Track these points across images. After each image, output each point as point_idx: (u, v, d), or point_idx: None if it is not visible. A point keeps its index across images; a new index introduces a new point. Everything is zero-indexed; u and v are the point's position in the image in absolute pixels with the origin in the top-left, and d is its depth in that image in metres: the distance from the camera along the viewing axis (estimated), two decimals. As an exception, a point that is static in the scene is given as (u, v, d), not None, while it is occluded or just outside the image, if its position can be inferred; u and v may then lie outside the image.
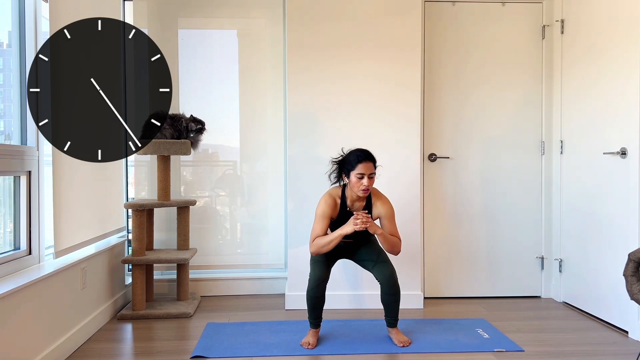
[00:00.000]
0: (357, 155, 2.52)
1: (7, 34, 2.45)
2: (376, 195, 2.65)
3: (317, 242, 2.53)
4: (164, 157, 3.32)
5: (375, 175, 2.54)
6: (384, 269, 2.60)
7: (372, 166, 2.52)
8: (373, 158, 2.55)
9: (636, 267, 2.05)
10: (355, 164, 2.50)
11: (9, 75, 2.48)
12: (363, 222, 2.43)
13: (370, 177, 2.51)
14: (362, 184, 2.49)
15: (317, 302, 2.59)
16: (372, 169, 2.51)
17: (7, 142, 2.42)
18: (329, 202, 2.58)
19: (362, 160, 2.50)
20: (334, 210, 2.59)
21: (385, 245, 2.54)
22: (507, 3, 3.56)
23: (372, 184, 2.52)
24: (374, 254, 2.66)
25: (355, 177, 2.50)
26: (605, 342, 2.69)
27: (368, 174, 2.50)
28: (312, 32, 3.31)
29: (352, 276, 3.35)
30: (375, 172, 2.55)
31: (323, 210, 2.57)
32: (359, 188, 2.51)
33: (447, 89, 3.54)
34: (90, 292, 2.83)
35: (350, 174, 2.52)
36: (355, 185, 2.51)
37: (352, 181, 2.52)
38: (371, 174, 2.51)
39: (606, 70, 2.98)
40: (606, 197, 2.98)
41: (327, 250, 2.53)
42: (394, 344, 2.62)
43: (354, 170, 2.50)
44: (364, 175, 2.49)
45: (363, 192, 2.52)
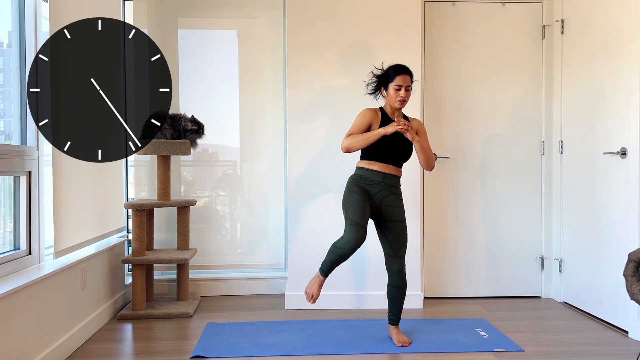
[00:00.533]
0: (396, 68, 2.61)
1: (7, 34, 2.45)
2: (410, 117, 2.74)
3: (354, 136, 2.57)
4: (164, 157, 3.32)
5: (411, 89, 2.61)
6: (398, 262, 2.61)
7: (409, 79, 2.59)
8: (410, 72, 2.61)
9: (636, 267, 2.05)
10: (393, 76, 2.58)
11: (9, 75, 2.48)
12: (405, 124, 2.49)
13: (407, 89, 2.58)
14: (400, 95, 2.57)
15: (341, 260, 2.52)
16: (409, 82, 2.59)
17: (7, 142, 2.42)
18: (370, 111, 2.64)
19: (400, 72, 2.58)
20: (375, 118, 2.63)
21: (422, 155, 2.59)
22: (507, 3, 3.56)
23: (408, 96, 2.60)
24: (398, 242, 2.60)
25: (393, 88, 2.58)
26: (605, 342, 2.69)
27: (405, 85, 2.57)
28: (312, 32, 3.31)
29: (354, 276, 3.35)
30: (412, 86, 2.62)
31: (364, 114, 2.62)
32: (396, 99, 2.58)
33: (447, 88, 3.54)
34: (90, 292, 2.83)
35: (389, 86, 2.60)
36: (393, 96, 2.59)
37: (390, 94, 2.60)
38: (408, 86, 2.58)
39: (606, 70, 2.98)
40: (606, 197, 2.98)
41: (362, 145, 2.55)
42: (394, 344, 2.62)
43: (392, 82, 2.58)
44: (401, 87, 2.57)
45: (400, 104, 2.59)
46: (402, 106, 2.62)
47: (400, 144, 2.60)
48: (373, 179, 2.60)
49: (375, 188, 2.60)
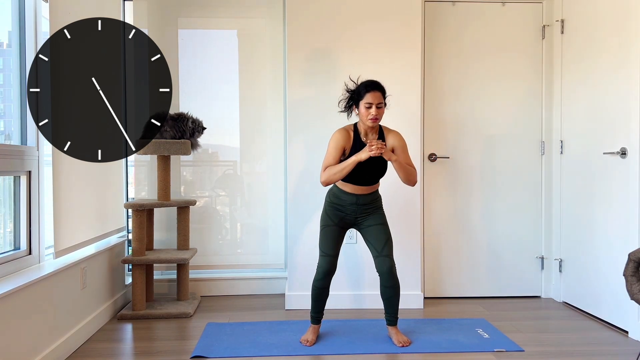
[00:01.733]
0: (366, 85, 2.52)
1: (7, 34, 2.45)
2: (387, 130, 2.65)
3: (330, 169, 2.50)
4: (164, 157, 3.32)
5: (384, 106, 2.53)
6: (385, 261, 2.60)
7: (380, 96, 2.50)
8: (382, 88, 2.53)
9: (636, 267, 2.05)
10: (363, 93, 2.50)
11: (9, 75, 2.48)
12: (378, 148, 2.40)
13: (378, 106, 2.49)
14: (371, 113, 2.48)
15: (322, 294, 2.64)
16: (380, 99, 2.50)
17: (7, 142, 2.42)
18: (342, 133, 2.57)
19: (370, 89, 2.49)
20: (347, 141, 2.56)
21: (401, 173, 2.53)
22: (507, 3, 3.56)
23: (380, 114, 2.51)
24: (381, 241, 2.61)
25: (364, 106, 2.50)
26: (605, 342, 2.69)
27: (376, 103, 2.48)
28: (312, 32, 3.31)
29: (352, 276, 3.35)
30: (385, 102, 2.54)
31: (336, 139, 2.55)
32: (367, 118, 2.50)
33: (447, 88, 3.54)
34: (90, 292, 2.83)
35: (360, 104, 2.52)
36: (364, 115, 2.50)
37: (361, 112, 2.52)
38: (379, 103, 2.49)
39: (606, 70, 2.98)
40: (606, 197, 2.98)
41: (339, 178, 2.50)
42: (394, 344, 2.62)
43: (362, 99, 2.50)
44: (372, 105, 2.48)
45: (372, 122, 2.50)
46: (374, 124, 2.53)
47: (374, 165, 2.55)
48: (346, 200, 2.61)
49: (348, 209, 2.62)
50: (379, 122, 2.53)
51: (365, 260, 3.34)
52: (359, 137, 2.58)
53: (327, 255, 2.62)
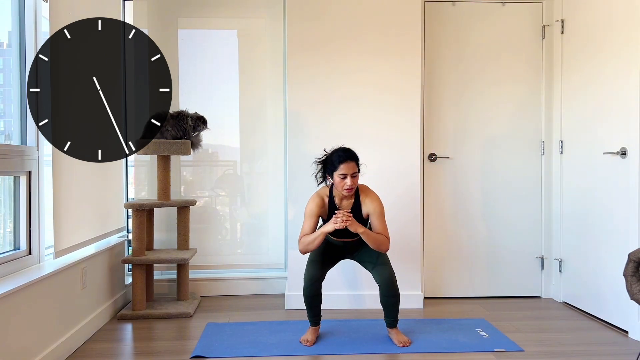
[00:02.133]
0: (339, 155, 2.51)
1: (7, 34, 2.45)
2: (364, 192, 2.63)
3: (304, 240, 2.55)
4: (164, 157, 3.32)
5: (358, 174, 2.54)
6: (383, 271, 2.59)
7: (354, 165, 2.50)
8: (355, 157, 2.53)
9: (636, 267, 2.05)
10: (337, 164, 2.49)
11: (9, 75, 2.48)
12: (343, 221, 2.42)
13: (353, 176, 2.49)
14: (346, 184, 2.49)
15: (313, 301, 2.63)
16: (354, 169, 2.50)
17: (7, 142, 2.42)
18: (317, 201, 2.59)
19: (343, 160, 2.48)
20: (322, 209, 2.60)
21: (370, 243, 2.51)
22: (507, 3, 3.56)
23: (355, 182, 2.51)
24: (373, 255, 2.65)
25: (338, 177, 2.49)
26: (605, 342, 2.69)
27: (350, 173, 2.48)
28: (312, 32, 3.31)
29: (351, 276, 3.35)
30: (360, 169, 2.55)
31: (311, 209, 2.58)
32: (342, 188, 2.51)
33: (447, 88, 3.54)
34: (90, 292, 2.83)
35: (334, 175, 2.52)
36: (339, 185, 2.51)
37: (336, 182, 2.52)
38: (354, 173, 2.49)
39: (606, 70, 2.98)
40: (606, 197, 2.98)
41: (313, 248, 2.53)
42: (394, 344, 2.62)
43: (336, 170, 2.50)
44: (346, 176, 2.48)
45: (347, 192, 2.51)
46: (349, 194, 2.53)
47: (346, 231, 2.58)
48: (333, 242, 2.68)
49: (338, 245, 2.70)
50: (354, 190, 2.53)
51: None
52: (334, 202, 2.60)
53: (313, 262, 2.64)
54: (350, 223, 2.44)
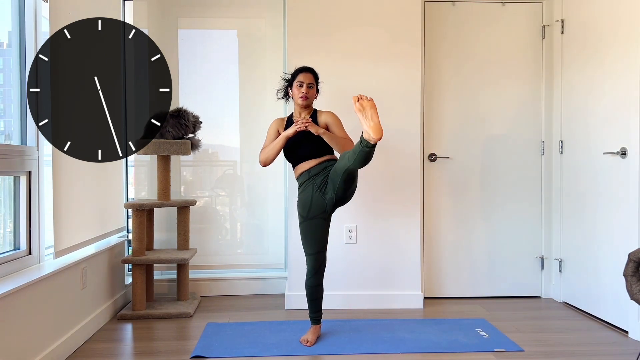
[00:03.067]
0: (299, 68, 2.75)
1: (7, 34, 2.45)
2: (320, 111, 2.78)
3: (264, 149, 2.71)
4: (164, 157, 3.32)
5: (315, 88, 2.73)
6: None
7: (311, 77, 2.71)
8: (312, 70, 2.75)
9: (636, 267, 2.05)
10: (295, 74, 2.72)
11: (9, 75, 2.48)
12: (302, 122, 2.57)
13: (309, 86, 2.69)
14: (301, 92, 2.67)
15: (316, 292, 2.64)
16: (311, 79, 2.71)
17: (7, 142, 2.42)
18: (277, 120, 2.81)
19: (302, 70, 2.72)
20: (281, 125, 2.78)
21: (334, 145, 2.62)
22: (507, 3, 3.56)
23: (311, 93, 2.70)
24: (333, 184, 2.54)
25: (296, 86, 2.70)
26: (605, 342, 2.69)
27: (307, 82, 2.68)
28: (312, 32, 3.31)
29: (351, 276, 3.34)
30: (317, 86, 2.74)
31: (271, 126, 2.79)
32: (298, 96, 2.68)
33: (447, 88, 3.54)
34: (90, 292, 2.83)
35: (293, 85, 2.72)
36: (296, 94, 2.69)
37: (294, 92, 2.71)
38: (310, 83, 2.69)
39: (606, 70, 2.98)
40: (606, 197, 2.98)
41: (274, 153, 2.66)
42: (394, 344, 2.62)
43: (294, 80, 2.71)
44: (303, 83, 2.68)
45: (302, 100, 2.68)
46: (305, 102, 2.69)
47: (308, 139, 2.65)
48: (302, 180, 2.68)
49: (308, 187, 2.64)
50: (309, 101, 2.71)
51: (365, 260, 3.34)
52: (292, 120, 2.75)
53: (310, 254, 2.64)
54: (310, 125, 2.58)
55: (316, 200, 2.60)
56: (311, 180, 2.63)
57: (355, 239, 3.33)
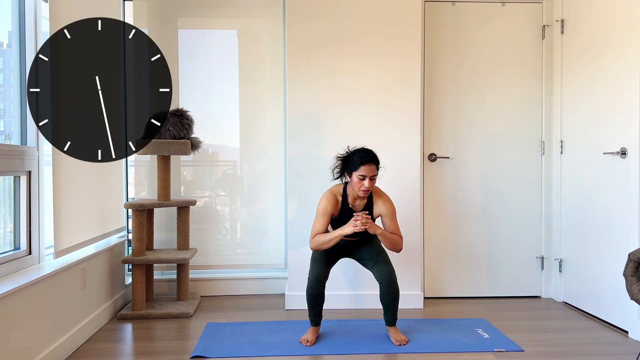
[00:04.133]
0: (361, 156, 2.51)
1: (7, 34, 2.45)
2: (377, 194, 2.66)
3: (317, 239, 2.55)
4: (164, 157, 3.31)
5: (377, 177, 2.54)
6: (383, 268, 2.60)
7: (374, 168, 2.51)
8: (376, 160, 2.53)
9: (636, 267, 2.05)
10: (358, 165, 2.50)
11: (9, 75, 2.48)
12: (363, 224, 2.44)
13: (371, 179, 2.50)
14: (363, 186, 2.49)
15: (316, 300, 2.61)
16: (374, 171, 2.51)
17: (7, 142, 2.42)
18: (330, 199, 2.59)
19: (365, 162, 2.49)
20: (335, 208, 2.60)
21: (387, 244, 2.57)
22: (507, 3, 3.56)
23: (373, 185, 2.53)
24: (374, 253, 2.66)
25: (357, 177, 2.50)
26: (605, 342, 2.69)
27: (370, 175, 2.49)
28: (312, 32, 3.31)
29: (352, 276, 3.35)
30: (378, 173, 2.54)
31: (324, 206, 2.58)
32: (359, 189, 2.51)
33: (447, 88, 3.54)
34: (90, 292, 2.83)
35: (353, 174, 2.52)
36: (357, 185, 2.52)
37: (353, 181, 2.53)
38: (373, 176, 2.50)
39: (606, 70, 2.98)
40: (606, 197, 2.98)
41: (327, 247, 2.55)
42: (394, 344, 2.62)
43: (356, 170, 2.50)
44: (365, 177, 2.49)
45: (363, 193, 2.52)
46: (365, 195, 2.55)
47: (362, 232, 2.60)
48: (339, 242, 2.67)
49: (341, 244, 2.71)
50: (369, 193, 2.56)
51: (365, 260, 3.33)
52: (347, 202, 2.61)
53: (317, 260, 2.64)
54: (370, 226, 2.47)
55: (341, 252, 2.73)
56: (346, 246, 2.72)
57: (355, 239, 3.33)
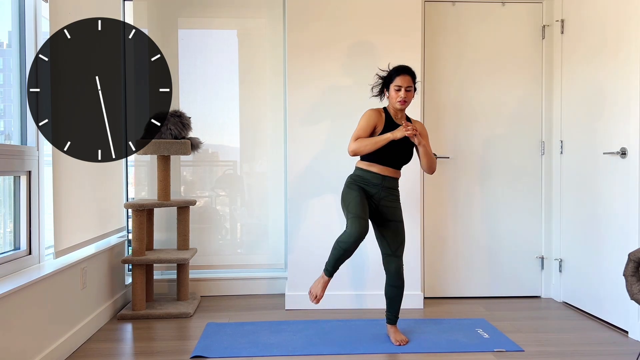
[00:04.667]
0: (397, 68, 2.61)
1: (7, 34, 2.45)
2: (413, 119, 2.74)
3: (361, 140, 2.56)
4: (164, 157, 3.31)
5: (413, 90, 2.60)
6: (396, 261, 2.62)
7: (409, 79, 2.58)
8: (412, 72, 2.61)
9: (636, 267, 2.05)
10: (394, 76, 2.59)
11: (9, 75, 2.48)
12: (413, 129, 2.47)
13: (407, 90, 2.57)
14: (400, 96, 2.57)
15: (345, 255, 2.51)
16: (410, 82, 2.58)
17: (7, 142, 2.42)
18: (375, 112, 2.64)
19: (400, 72, 2.58)
20: (379, 120, 2.63)
21: (425, 159, 2.60)
22: (507, 3, 3.56)
23: (409, 97, 2.59)
24: (396, 243, 2.63)
25: (394, 89, 2.59)
26: (605, 342, 2.69)
27: (405, 86, 2.56)
28: (312, 32, 3.31)
29: (353, 276, 3.35)
30: (415, 87, 2.61)
31: (369, 116, 2.61)
32: (396, 100, 2.58)
33: (447, 88, 3.54)
34: (90, 292, 2.83)
35: (390, 87, 2.61)
36: (394, 97, 2.59)
37: (391, 94, 2.61)
38: (408, 86, 2.57)
39: (606, 69, 2.98)
40: (606, 197, 2.98)
41: (371, 149, 2.53)
42: (394, 344, 2.62)
43: (392, 82, 2.59)
44: (401, 87, 2.56)
45: (400, 104, 2.58)
46: (403, 107, 2.60)
47: (402, 148, 2.60)
48: (372, 180, 2.60)
49: (373, 189, 2.61)
50: (407, 105, 2.61)
51: (367, 260, 3.34)
52: (391, 117, 2.65)
53: (361, 218, 2.47)
54: (417, 135, 2.53)
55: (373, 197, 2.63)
56: (380, 187, 2.62)
57: (355, 239, 3.32)
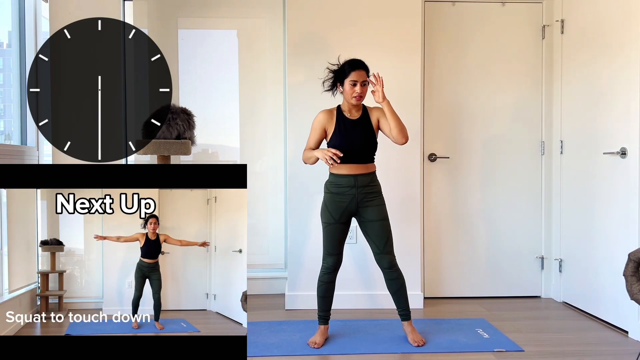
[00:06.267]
0: (350, 62, 2.57)
1: (7, 34, 2.45)
2: (370, 108, 2.69)
3: (304, 153, 2.66)
4: (164, 157, 3.31)
5: (368, 84, 2.58)
6: (387, 257, 2.62)
7: (364, 74, 2.55)
8: (365, 66, 2.58)
9: (636, 267, 2.05)
10: (348, 71, 2.55)
11: (9, 75, 2.49)
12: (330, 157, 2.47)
13: (363, 84, 2.54)
14: (355, 91, 2.53)
15: (328, 289, 2.62)
16: (364, 77, 2.55)
17: (7, 142, 2.42)
18: (324, 114, 2.64)
19: (355, 67, 2.54)
20: (329, 121, 2.62)
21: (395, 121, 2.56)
22: (507, 3, 3.56)
23: (364, 92, 2.56)
24: (382, 241, 2.61)
25: (349, 84, 2.55)
26: (605, 342, 2.69)
27: (361, 81, 2.53)
28: (312, 32, 3.31)
29: (359, 276, 3.34)
30: (369, 80, 2.58)
31: (317, 120, 2.64)
32: (351, 95, 2.55)
33: (447, 89, 3.54)
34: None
35: (345, 82, 2.57)
36: (349, 93, 2.55)
37: (345, 90, 2.57)
38: (364, 81, 2.55)
39: (606, 70, 2.98)
40: (606, 197, 2.98)
41: (307, 163, 2.66)
42: (394, 344, 2.62)
43: (347, 77, 2.55)
44: (356, 82, 2.53)
45: (356, 100, 2.55)
46: (358, 102, 2.57)
47: (359, 137, 2.58)
48: (344, 185, 2.59)
49: (348, 196, 2.59)
50: (362, 100, 2.58)
51: (365, 259, 3.33)
52: (343, 115, 2.62)
53: (333, 255, 2.63)
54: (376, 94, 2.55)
55: (350, 208, 2.61)
56: (355, 190, 2.59)
57: (355, 238, 3.33)
